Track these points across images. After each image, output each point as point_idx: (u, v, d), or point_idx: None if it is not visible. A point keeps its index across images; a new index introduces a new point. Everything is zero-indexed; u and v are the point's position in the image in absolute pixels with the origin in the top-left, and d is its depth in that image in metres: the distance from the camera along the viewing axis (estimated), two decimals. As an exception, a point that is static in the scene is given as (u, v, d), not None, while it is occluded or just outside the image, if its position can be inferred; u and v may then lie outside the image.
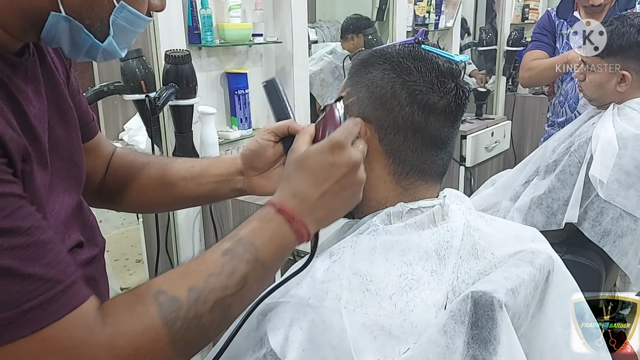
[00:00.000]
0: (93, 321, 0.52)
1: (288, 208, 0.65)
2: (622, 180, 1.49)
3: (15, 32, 0.61)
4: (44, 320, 0.49)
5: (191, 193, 0.89)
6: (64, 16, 0.60)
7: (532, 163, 1.78)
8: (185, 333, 0.55)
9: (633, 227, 1.50)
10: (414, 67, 0.75)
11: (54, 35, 0.62)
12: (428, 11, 3.16)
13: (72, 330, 0.50)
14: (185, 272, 0.58)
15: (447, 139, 0.78)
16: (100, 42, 0.64)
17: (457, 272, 0.72)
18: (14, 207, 0.50)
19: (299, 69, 2.18)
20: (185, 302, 0.55)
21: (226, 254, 0.60)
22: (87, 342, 0.51)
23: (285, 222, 0.65)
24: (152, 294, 0.55)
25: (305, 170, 0.67)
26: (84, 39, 0.63)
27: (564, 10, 2.20)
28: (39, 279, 0.49)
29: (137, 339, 0.53)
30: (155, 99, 1.67)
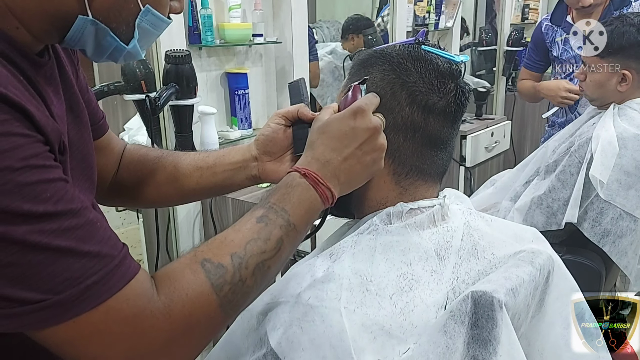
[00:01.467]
0: (149, 290, 0.55)
1: (312, 172, 0.68)
2: (623, 180, 1.49)
3: (39, 34, 0.61)
4: (106, 292, 0.52)
5: (207, 183, 0.91)
6: (91, 20, 0.60)
7: (533, 163, 1.78)
8: (232, 296, 0.59)
9: (633, 228, 1.50)
10: (413, 67, 0.75)
11: (79, 38, 0.62)
12: (428, 11, 3.16)
13: (132, 300, 0.54)
14: (225, 241, 0.62)
15: (446, 139, 0.78)
16: (124, 44, 0.65)
17: (457, 272, 0.72)
18: (63, 191, 0.53)
19: (299, 69, 2.18)
20: (229, 268, 0.59)
21: (260, 220, 0.64)
22: (146, 309, 0.54)
23: (310, 186, 0.68)
24: (199, 262, 0.59)
25: (327, 135, 0.70)
26: (109, 42, 0.64)
27: (558, 16, 2.20)
28: (96, 255, 0.52)
29: (190, 305, 0.57)
30: (155, 99, 1.67)
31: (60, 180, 0.53)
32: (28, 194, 0.50)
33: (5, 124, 0.50)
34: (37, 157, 0.52)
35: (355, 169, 0.70)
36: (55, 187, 0.52)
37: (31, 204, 0.50)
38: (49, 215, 0.50)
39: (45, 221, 0.50)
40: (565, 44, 2.16)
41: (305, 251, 1.70)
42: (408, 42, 0.81)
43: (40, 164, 0.52)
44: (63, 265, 0.50)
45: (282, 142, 0.86)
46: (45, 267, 0.50)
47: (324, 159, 0.69)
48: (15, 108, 0.51)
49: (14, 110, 0.51)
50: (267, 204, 0.66)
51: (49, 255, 0.50)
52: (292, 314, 0.69)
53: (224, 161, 0.90)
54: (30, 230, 0.49)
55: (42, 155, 0.53)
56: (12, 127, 0.50)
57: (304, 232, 0.69)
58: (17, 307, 0.50)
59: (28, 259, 0.49)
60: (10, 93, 0.50)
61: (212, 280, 0.58)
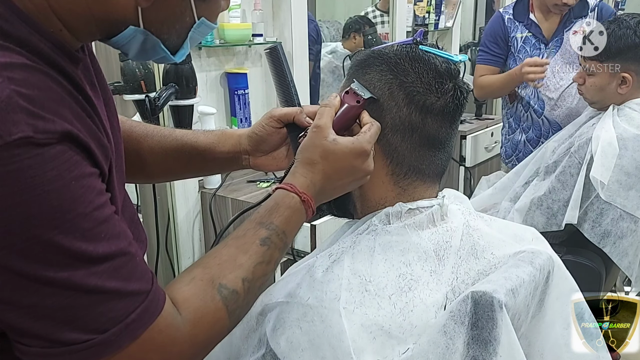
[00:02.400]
0: (176, 319, 0.58)
1: (309, 198, 0.71)
2: (623, 181, 1.49)
3: (82, 35, 0.60)
4: (142, 327, 0.55)
5: (196, 168, 0.94)
6: (142, 30, 0.60)
7: (532, 164, 1.78)
8: (238, 316, 0.65)
9: (633, 229, 1.50)
10: (411, 68, 0.75)
11: (125, 44, 0.61)
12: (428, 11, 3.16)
13: (164, 330, 0.57)
14: (236, 263, 0.64)
15: (445, 139, 0.78)
16: (172, 54, 0.64)
17: (456, 272, 0.72)
18: (116, 227, 0.55)
19: (299, 69, 2.18)
20: (242, 294, 0.63)
21: (264, 243, 0.66)
22: (175, 338, 0.58)
23: (304, 210, 0.71)
24: (216, 289, 0.62)
25: (329, 163, 0.72)
26: (158, 51, 0.63)
27: (520, 11, 2.14)
28: (137, 293, 0.55)
29: (211, 331, 0.61)
30: (155, 99, 1.67)
31: (113, 216, 0.55)
32: (91, 237, 0.51)
33: (78, 166, 0.51)
34: (99, 196, 0.53)
35: (338, 192, 0.76)
36: (109, 226, 0.54)
37: (92, 247, 0.51)
38: (105, 257, 0.52)
39: (101, 263, 0.52)
40: (525, 42, 2.11)
41: (304, 251, 1.70)
42: (406, 42, 0.80)
43: (102, 202, 0.54)
44: (110, 306, 0.53)
45: (275, 141, 0.87)
46: (95, 308, 0.52)
47: (320, 186, 0.72)
48: (82, 147, 0.52)
49: (81, 149, 0.52)
50: (270, 224, 0.67)
51: (100, 297, 0.52)
52: (292, 315, 0.69)
53: (215, 149, 0.91)
54: (88, 273, 0.51)
55: (102, 193, 0.54)
56: (83, 168, 0.52)
57: None
58: (60, 347, 0.51)
59: (81, 302, 0.51)
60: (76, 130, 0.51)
61: (229, 307, 0.62)
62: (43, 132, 0.48)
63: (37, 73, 0.50)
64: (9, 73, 0.48)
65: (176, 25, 0.62)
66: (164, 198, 1.88)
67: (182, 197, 1.90)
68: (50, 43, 0.55)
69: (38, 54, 0.53)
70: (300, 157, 0.73)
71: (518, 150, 2.20)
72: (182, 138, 0.91)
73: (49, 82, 0.51)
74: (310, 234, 1.66)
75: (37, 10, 0.54)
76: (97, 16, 0.58)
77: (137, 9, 0.57)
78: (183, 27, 0.63)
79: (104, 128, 0.60)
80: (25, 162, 0.47)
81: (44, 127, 0.48)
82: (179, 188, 1.88)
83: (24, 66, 0.50)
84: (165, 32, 0.62)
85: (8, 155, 0.46)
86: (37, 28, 0.54)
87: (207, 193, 1.92)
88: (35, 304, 0.50)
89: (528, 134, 2.15)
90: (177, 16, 0.61)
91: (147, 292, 0.56)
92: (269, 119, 0.86)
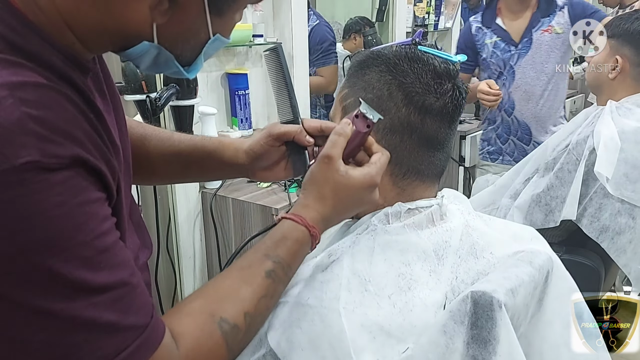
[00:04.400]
0: (174, 353, 0.56)
1: (317, 232, 0.70)
2: (630, 173, 1.49)
3: (95, 48, 0.59)
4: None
5: (193, 175, 0.95)
6: (156, 45, 0.58)
7: (533, 161, 1.78)
8: (238, 351, 0.64)
9: (631, 225, 1.50)
10: (409, 68, 0.75)
11: (137, 57, 0.60)
12: (427, 12, 3.16)
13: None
14: (239, 296, 0.63)
15: (444, 139, 0.78)
16: (185, 70, 0.63)
17: (455, 271, 0.73)
18: (118, 256, 0.53)
19: (299, 69, 2.18)
20: (243, 328, 0.62)
21: (269, 276, 0.65)
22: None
23: (311, 243, 0.70)
24: (216, 323, 0.60)
25: (339, 197, 0.70)
26: (171, 66, 0.62)
27: (488, 17, 2.20)
28: (135, 326, 0.53)
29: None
30: (156, 100, 1.67)
31: (116, 244, 0.53)
32: (91, 266, 0.50)
33: (84, 191, 0.50)
34: (103, 223, 0.52)
35: (343, 220, 0.77)
36: (111, 255, 0.52)
37: (92, 276, 0.50)
38: (104, 288, 0.50)
39: (99, 294, 0.50)
40: (495, 47, 2.17)
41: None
42: (405, 43, 0.81)
43: (105, 230, 0.52)
44: (105, 340, 0.51)
45: (273, 157, 0.86)
46: (90, 343, 0.50)
47: (329, 220, 0.71)
48: (91, 171, 0.51)
49: (90, 174, 0.51)
50: (277, 257, 0.66)
51: (95, 330, 0.50)
52: (292, 315, 0.69)
53: (212, 159, 0.89)
54: (86, 304, 0.49)
55: (107, 219, 0.53)
56: (89, 193, 0.50)
57: None
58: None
59: (75, 335, 0.49)
60: (87, 153, 0.50)
61: (229, 343, 0.61)
62: (52, 156, 0.47)
63: (50, 92, 0.49)
64: (21, 93, 0.47)
65: (191, 41, 0.61)
66: (164, 198, 1.89)
67: (182, 197, 1.90)
68: (63, 56, 0.54)
69: (50, 67, 0.52)
70: (310, 188, 0.71)
71: (490, 145, 2.30)
72: (179, 144, 0.90)
73: (62, 100, 0.50)
74: (310, 234, 1.66)
75: (49, 23, 0.53)
76: (111, 30, 0.56)
77: (152, 25, 0.56)
78: (197, 43, 0.61)
79: (113, 140, 0.59)
80: (31, 186, 0.46)
81: (54, 152, 0.47)
82: (179, 188, 1.88)
83: (37, 85, 0.49)
84: (179, 48, 0.60)
85: (15, 179, 0.45)
86: (49, 41, 0.53)
87: (207, 193, 1.92)
88: (29, 336, 0.48)
89: (498, 131, 2.26)
90: (193, 32, 0.60)
91: (145, 326, 0.54)
92: (268, 137, 0.84)
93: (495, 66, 2.18)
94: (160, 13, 0.55)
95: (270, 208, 1.73)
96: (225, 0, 0.59)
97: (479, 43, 2.22)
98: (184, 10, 0.56)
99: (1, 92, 0.46)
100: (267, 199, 1.80)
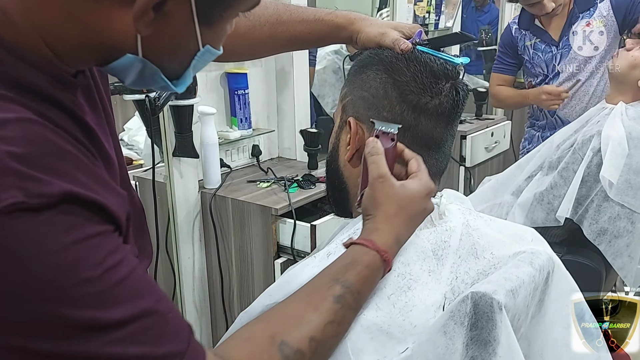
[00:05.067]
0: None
1: (390, 258, 0.67)
2: (632, 180, 1.49)
3: (73, 63, 0.55)
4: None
5: None
6: (140, 59, 0.53)
7: (537, 158, 1.77)
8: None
9: (630, 229, 1.50)
10: (406, 68, 0.76)
11: (121, 71, 0.56)
12: (428, 11, 3.16)
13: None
14: (303, 320, 0.60)
15: (440, 139, 0.78)
16: (172, 84, 0.58)
17: (455, 272, 0.72)
18: (136, 286, 0.50)
19: (299, 69, 2.18)
20: (307, 353, 0.58)
21: (338, 301, 0.62)
22: None
23: (383, 270, 0.67)
24: (277, 346, 0.56)
25: (407, 212, 0.69)
26: (157, 81, 0.57)
27: (525, 20, 2.16)
28: (169, 356, 0.50)
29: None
30: (155, 99, 1.67)
31: (133, 274, 0.50)
32: (102, 303, 0.46)
33: (80, 227, 0.46)
34: (111, 255, 0.48)
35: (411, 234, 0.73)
36: (126, 287, 0.48)
37: (105, 313, 0.46)
38: (123, 322, 0.47)
39: (119, 329, 0.47)
40: (535, 48, 2.14)
41: (304, 251, 1.70)
42: None
43: (115, 262, 0.48)
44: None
45: None
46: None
47: (401, 238, 0.69)
48: (87, 205, 0.47)
49: (85, 208, 0.47)
50: (346, 281, 0.63)
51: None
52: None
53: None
54: (105, 342, 0.46)
55: (116, 250, 0.49)
56: (87, 228, 0.47)
57: None
58: None
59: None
60: (79, 187, 0.46)
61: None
62: (37, 195, 0.43)
63: (33, 126, 0.46)
64: (1, 131, 0.44)
65: (179, 54, 0.56)
66: (164, 198, 1.88)
67: (182, 197, 1.90)
68: (43, 74, 0.51)
69: (31, 90, 0.49)
70: (374, 212, 0.69)
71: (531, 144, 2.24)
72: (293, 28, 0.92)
73: (47, 134, 0.47)
74: (310, 234, 1.66)
75: (25, 41, 0.50)
76: (91, 43, 0.52)
77: (137, 37, 0.52)
78: (186, 55, 0.57)
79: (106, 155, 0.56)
80: (16, 229, 0.42)
81: (38, 191, 0.44)
82: (179, 188, 1.88)
83: (19, 121, 0.45)
84: (166, 61, 0.56)
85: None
86: (28, 60, 0.49)
87: (207, 193, 1.92)
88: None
89: (544, 132, 2.20)
90: (180, 44, 0.55)
91: (182, 353, 0.50)
92: None
93: (539, 68, 2.14)
94: (145, 24, 0.50)
95: (270, 208, 1.73)
96: (216, 10, 0.55)
97: (520, 45, 2.18)
98: (171, 21, 0.52)
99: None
100: (267, 199, 1.80)
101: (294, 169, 2.08)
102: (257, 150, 2.15)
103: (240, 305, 1.93)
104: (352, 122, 0.78)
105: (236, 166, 2.10)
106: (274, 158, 2.27)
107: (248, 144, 2.15)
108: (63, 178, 0.46)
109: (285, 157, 2.27)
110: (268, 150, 2.24)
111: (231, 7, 0.56)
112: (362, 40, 0.86)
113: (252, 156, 2.16)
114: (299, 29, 0.93)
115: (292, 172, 2.03)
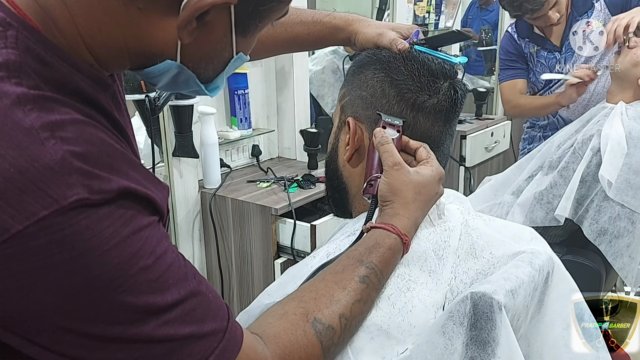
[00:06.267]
0: (261, 354, 0.56)
1: (409, 240, 0.71)
2: (632, 179, 1.49)
3: (112, 67, 0.58)
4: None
5: None
6: (178, 65, 0.57)
7: (537, 158, 1.76)
8: (334, 354, 0.64)
9: (630, 230, 1.50)
10: (403, 67, 0.76)
11: (155, 76, 0.59)
12: (428, 11, 3.16)
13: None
14: (333, 299, 0.63)
15: (439, 138, 0.78)
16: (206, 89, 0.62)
17: (455, 271, 0.72)
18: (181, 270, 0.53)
19: (298, 69, 2.18)
20: (338, 330, 0.62)
21: (363, 281, 0.65)
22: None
23: (403, 251, 0.71)
24: (310, 323, 0.60)
25: (423, 197, 0.73)
26: (190, 85, 0.60)
27: (524, 30, 2.10)
28: (213, 332, 0.53)
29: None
30: (155, 99, 1.66)
31: (177, 259, 0.53)
32: (158, 288, 0.50)
33: (134, 219, 0.49)
34: (160, 244, 0.51)
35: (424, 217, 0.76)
36: (174, 270, 0.52)
37: (161, 297, 0.50)
38: (175, 304, 0.51)
39: (171, 310, 0.50)
40: (538, 56, 2.09)
41: (304, 251, 1.70)
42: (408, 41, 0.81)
43: (164, 250, 0.52)
44: (187, 351, 0.51)
45: None
46: (171, 356, 0.50)
47: (418, 222, 0.73)
48: (140, 199, 0.51)
49: (138, 202, 0.50)
50: (370, 263, 0.67)
51: (175, 344, 0.51)
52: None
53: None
54: (159, 323, 0.50)
55: (163, 238, 0.53)
56: (140, 220, 0.50)
57: None
58: None
59: (154, 354, 0.50)
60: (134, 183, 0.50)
61: (323, 343, 0.60)
62: (98, 192, 0.47)
63: (87, 127, 0.49)
64: (61, 132, 0.46)
65: (214, 60, 0.60)
66: (163, 198, 1.88)
67: (182, 197, 1.90)
68: (87, 78, 0.53)
69: (78, 93, 0.51)
70: (392, 198, 0.72)
71: (532, 144, 2.21)
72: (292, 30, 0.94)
73: (100, 134, 0.50)
74: (310, 234, 1.66)
75: (69, 44, 0.52)
76: (132, 49, 0.55)
77: (177, 44, 0.55)
78: (220, 62, 0.60)
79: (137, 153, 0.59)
80: (82, 224, 0.46)
81: (99, 187, 0.47)
82: (179, 188, 1.88)
83: (75, 122, 0.48)
84: (202, 67, 0.59)
85: (64, 220, 0.45)
86: (74, 64, 0.52)
87: (207, 193, 1.92)
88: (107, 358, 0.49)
89: (545, 132, 2.17)
90: (217, 52, 0.59)
91: (224, 330, 0.54)
92: None
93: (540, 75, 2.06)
94: (187, 33, 0.53)
95: (270, 208, 1.73)
96: (252, 20, 0.58)
97: (525, 52, 2.11)
98: (211, 30, 0.55)
99: (43, 133, 0.45)
100: (267, 199, 1.80)
101: (294, 169, 2.09)
102: (257, 150, 2.15)
103: (240, 304, 1.93)
104: (351, 122, 0.78)
105: (236, 166, 2.10)
106: (274, 158, 2.27)
107: (248, 144, 2.15)
108: (119, 175, 0.49)
109: (285, 157, 2.27)
110: (268, 150, 2.24)
111: (267, 18, 0.59)
112: (360, 41, 0.88)
113: (252, 156, 2.16)
114: (297, 31, 0.94)
115: (292, 172, 2.03)
